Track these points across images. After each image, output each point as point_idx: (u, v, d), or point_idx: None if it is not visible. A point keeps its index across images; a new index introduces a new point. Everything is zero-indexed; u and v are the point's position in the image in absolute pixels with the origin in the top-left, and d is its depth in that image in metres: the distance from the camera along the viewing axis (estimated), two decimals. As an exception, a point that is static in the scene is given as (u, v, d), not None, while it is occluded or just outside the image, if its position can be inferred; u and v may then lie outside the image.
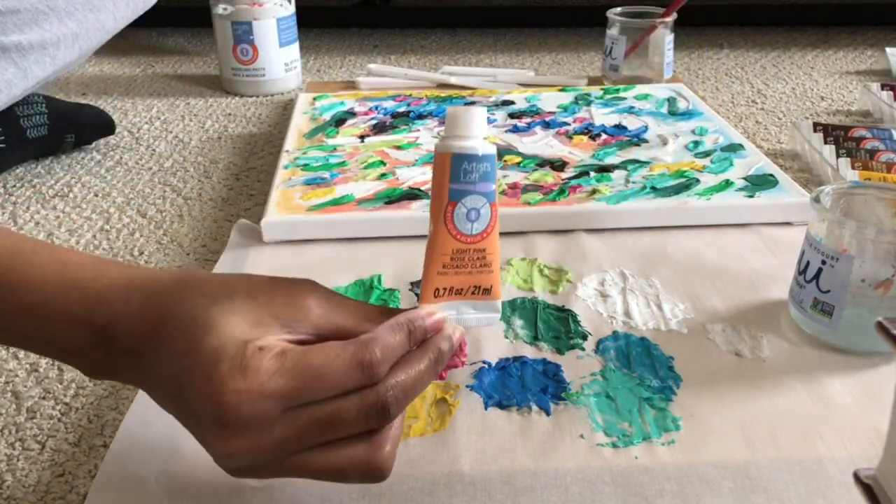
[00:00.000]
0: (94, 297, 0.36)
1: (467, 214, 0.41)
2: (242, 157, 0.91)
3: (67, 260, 0.38)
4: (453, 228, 0.41)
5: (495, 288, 0.43)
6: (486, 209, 0.41)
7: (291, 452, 0.35)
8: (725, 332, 0.56)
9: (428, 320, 0.39)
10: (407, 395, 0.36)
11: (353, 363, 0.35)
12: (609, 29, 1.07)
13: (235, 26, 1.08)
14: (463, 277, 0.42)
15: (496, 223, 0.42)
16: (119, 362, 0.36)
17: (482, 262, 0.42)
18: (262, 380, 0.33)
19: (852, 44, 1.37)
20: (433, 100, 0.97)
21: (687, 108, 0.93)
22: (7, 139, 0.83)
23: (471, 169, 0.40)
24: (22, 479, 0.46)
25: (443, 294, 0.42)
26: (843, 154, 0.81)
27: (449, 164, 0.40)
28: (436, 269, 0.41)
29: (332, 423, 0.35)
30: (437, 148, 0.41)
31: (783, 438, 0.46)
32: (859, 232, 0.51)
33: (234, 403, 0.33)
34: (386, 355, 0.36)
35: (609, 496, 0.43)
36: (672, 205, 0.71)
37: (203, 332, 0.34)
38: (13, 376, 0.55)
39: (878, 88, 1.02)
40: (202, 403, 0.34)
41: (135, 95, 1.13)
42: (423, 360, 0.38)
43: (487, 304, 0.43)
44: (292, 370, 0.34)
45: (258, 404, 0.33)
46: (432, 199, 0.41)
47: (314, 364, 0.34)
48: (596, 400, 0.49)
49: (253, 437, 0.34)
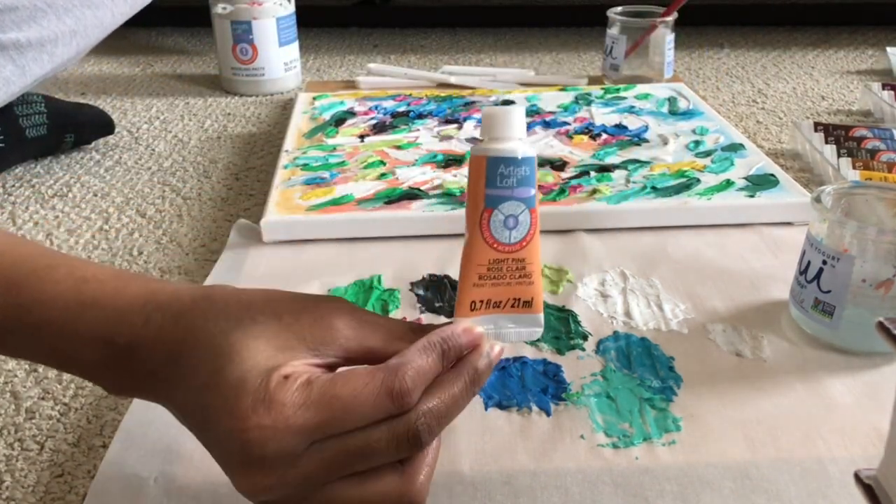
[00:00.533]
0: (113, 316, 0.35)
1: (504, 222, 0.38)
2: (242, 157, 0.91)
3: (86, 276, 0.36)
4: (490, 237, 0.38)
5: (537, 300, 0.40)
6: (526, 216, 0.38)
7: (319, 485, 0.34)
8: (726, 333, 0.56)
9: (464, 337, 0.36)
10: (440, 422, 0.35)
11: (383, 392, 0.33)
12: (609, 28, 1.07)
13: (235, 26, 1.07)
14: (501, 289, 0.39)
15: (536, 231, 0.39)
16: (142, 383, 0.36)
17: (522, 273, 0.39)
18: (288, 414, 0.32)
19: (853, 43, 1.37)
20: (433, 99, 0.97)
21: (687, 108, 0.93)
22: (6, 139, 0.83)
23: (508, 173, 0.38)
24: (21, 479, 0.46)
25: (480, 307, 0.39)
26: (844, 154, 0.81)
27: (484, 168, 0.38)
28: (471, 281, 0.39)
29: (360, 455, 0.33)
30: (472, 151, 0.39)
31: (784, 439, 0.46)
32: (860, 232, 0.51)
33: (258, 440, 0.32)
34: (417, 381, 0.34)
35: (609, 497, 0.43)
36: (673, 205, 0.71)
37: (225, 360, 0.33)
38: (12, 376, 0.54)
39: (879, 88, 1.02)
40: (226, 439, 0.32)
41: (134, 95, 1.13)
42: (457, 383, 0.35)
43: (528, 317, 0.40)
44: (318, 402, 0.32)
45: (284, 440, 0.32)
46: (467, 206, 0.39)
47: (341, 395, 0.33)
48: (596, 400, 0.49)
49: (279, 474, 0.32)
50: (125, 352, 0.35)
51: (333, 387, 0.33)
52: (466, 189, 0.39)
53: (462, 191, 0.73)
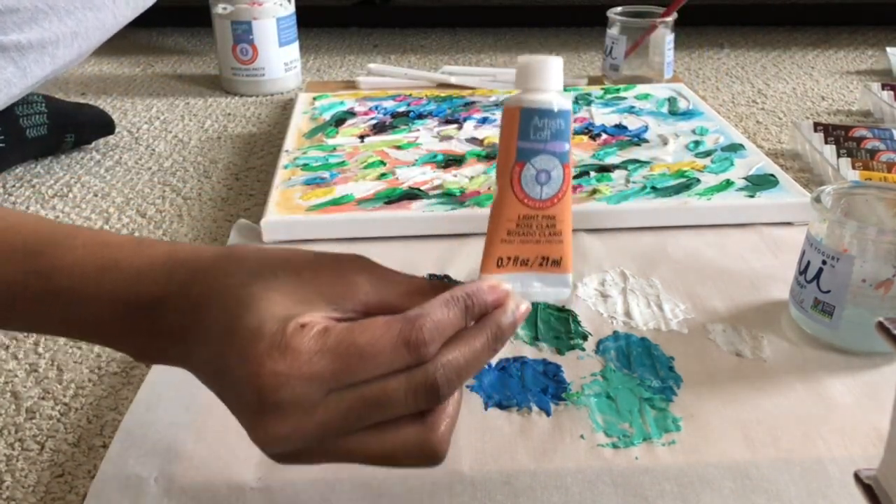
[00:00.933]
0: (134, 276, 0.35)
1: (536, 177, 0.37)
2: (242, 157, 0.91)
3: (106, 241, 0.37)
4: (520, 192, 0.37)
5: (566, 260, 0.38)
6: (559, 171, 0.37)
7: (337, 436, 0.33)
8: (726, 333, 0.56)
9: (489, 294, 0.35)
10: (460, 375, 0.34)
11: (400, 341, 0.32)
12: (609, 28, 1.07)
13: (235, 26, 1.07)
14: (530, 247, 0.38)
15: (569, 188, 0.38)
16: (165, 342, 0.35)
17: (552, 231, 0.38)
18: (303, 360, 0.31)
19: (853, 43, 1.37)
20: (433, 99, 0.97)
21: (687, 108, 0.93)
22: (6, 139, 0.83)
23: (542, 126, 0.36)
24: (21, 479, 0.46)
25: (507, 264, 0.38)
26: (844, 154, 0.81)
27: (518, 120, 0.36)
28: (500, 237, 0.37)
29: (378, 405, 0.32)
30: (506, 103, 0.37)
31: (784, 438, 0.46)
32: (860, 232, 0.51)
33: (273, 387, 0.31)
34: (436, 333, 0.33)
35: (609, 497, 0.43)
36: (672, 205, 0.71)
37: (243, 310, 0.32)
38: (12, 376, 0.54)
39: (879, 88, 1.02)
40: (241, 387, 0.32)
41: (134, 95, 1.13)
42: (479, 338, 0.34)
43: (557, 277, 0.38)
44: (335, 349, 0.32)
45: (299, 387, 0.31)
46: (499, 159, 0.37)
47: (359, 343, 0.32)
48: (596, 400, 0.49)
49: (294, 422, 0.32)
50: (146, 311, 0.35)
51: (350, 335, 0.32)
52: (499, 142, 0.38)
53: (462, 191, 0.73)
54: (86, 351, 0.57)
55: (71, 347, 0.57)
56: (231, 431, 0.47)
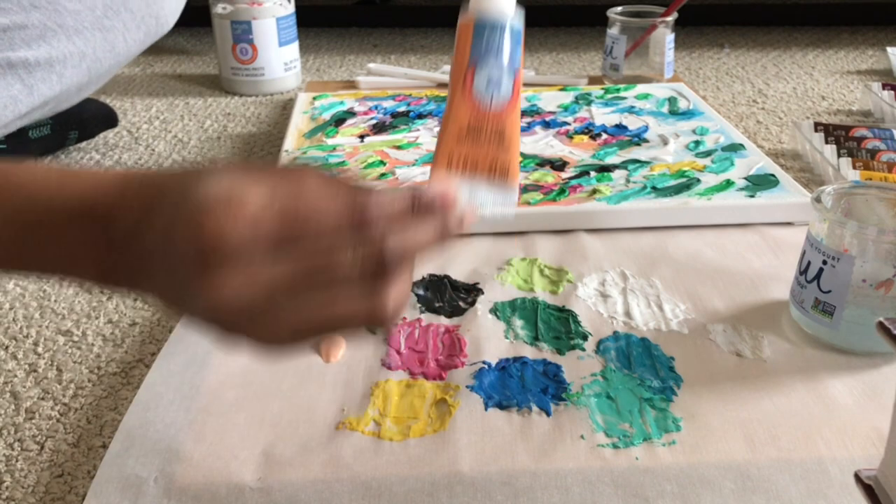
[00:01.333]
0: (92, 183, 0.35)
1: (487, 84, 0.38)
2: (242, 157, 0.91)
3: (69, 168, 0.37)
4: (470, 98, 0.38)
5: (513, 171, 0.39)
6: (508, 82, 0.38)
7: (285, 297, 0.33)
8: (726, 333, 0.56)
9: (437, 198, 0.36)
10: (405, 251, 0.34)
11: (343, 209, 0.33)
12: (609, 28, 1.07)
13: (235, 26, 1.07)
14: (480, 149, 0.38)
15: (518, 100, 0.38)
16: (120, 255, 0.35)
17: (500, 139, 0.38)
18: (248, 216, 0.32)
19: (853, 43, 1.37)
20: (433, 99, 0.97)
21: (687, 108, 0.93)
22: (8, 139, 0.83)
23: (494, 37, 0.37)
24: (21, 479, 0.46)
25: (457, 164, 0.38)
26: (844, 154, 0.81)
27: (471, 31, 0.37)
28: (451, 136, 0.38)
29: (325, 269, 0.33)
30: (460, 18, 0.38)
31: (784, 439, 0.46)
32: (860, 232, 0.51)
33: (216, 237, 0.31)
34: (381, 208, 0.33)
35: (609, 497, 0.43)
36: (673, 205, 0.71)
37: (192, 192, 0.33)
38: (12, 376, 0.54)
39: (880, 88, 1.02)
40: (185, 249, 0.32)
41: (134, 95, 1.13)
42: (424, 225, 0.35)
43: (503, 193, 0.39)
44: (281, 210, 0.32)
45: (244, 230, 0.32)
46: (452, 69, 0.38)
47: (304, 207, 0.33)
48: (596, 400, 0.49)
49: (240, 275, 0.32)
50: (104, 219, 0.35)
51: (295, 201, 0.33)
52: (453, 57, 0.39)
53: (462, 191, 0.73)
54: (85, 351, 0.57)
55: (71, 348, 0.57)
56: (231, 432, 0.47)
